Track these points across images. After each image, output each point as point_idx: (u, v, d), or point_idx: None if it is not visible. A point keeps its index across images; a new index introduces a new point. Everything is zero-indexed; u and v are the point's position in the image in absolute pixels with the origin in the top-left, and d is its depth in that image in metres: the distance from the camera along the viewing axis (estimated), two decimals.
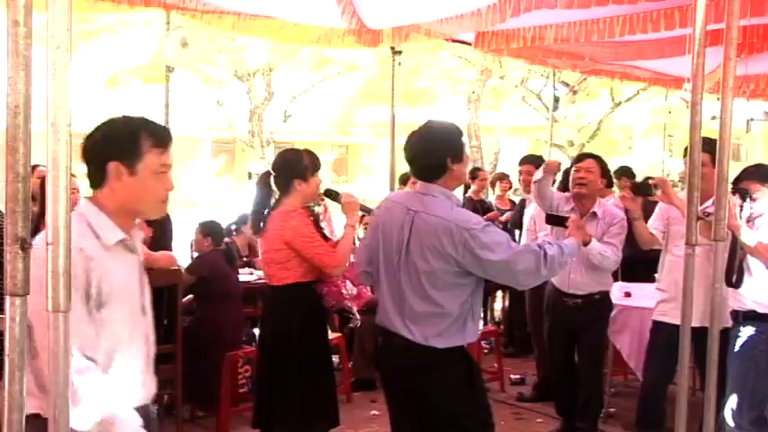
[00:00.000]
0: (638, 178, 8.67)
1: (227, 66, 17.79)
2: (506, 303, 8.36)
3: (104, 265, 2.21)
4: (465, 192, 8.60)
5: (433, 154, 3.25)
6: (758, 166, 4.39)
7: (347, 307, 4.12)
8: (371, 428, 5.47)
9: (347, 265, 4.06)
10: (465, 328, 3.25)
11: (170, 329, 5.06)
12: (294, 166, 3.99)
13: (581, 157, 5.17)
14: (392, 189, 8.32)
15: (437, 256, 3.15)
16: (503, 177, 8.84)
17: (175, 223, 5.83)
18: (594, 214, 4.89)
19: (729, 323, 4.25)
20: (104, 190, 2.29)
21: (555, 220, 4.36)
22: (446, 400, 3.25)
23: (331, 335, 6.44)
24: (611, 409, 5.82)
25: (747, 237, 3.95)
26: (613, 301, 5.64)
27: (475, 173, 8.57)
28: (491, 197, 8.98)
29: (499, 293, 8.71)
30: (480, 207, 8.06)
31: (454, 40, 6.53)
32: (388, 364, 3.43)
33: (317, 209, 4.20)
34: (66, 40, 1.77)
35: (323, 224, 4.12)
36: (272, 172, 4.06)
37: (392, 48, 7.96)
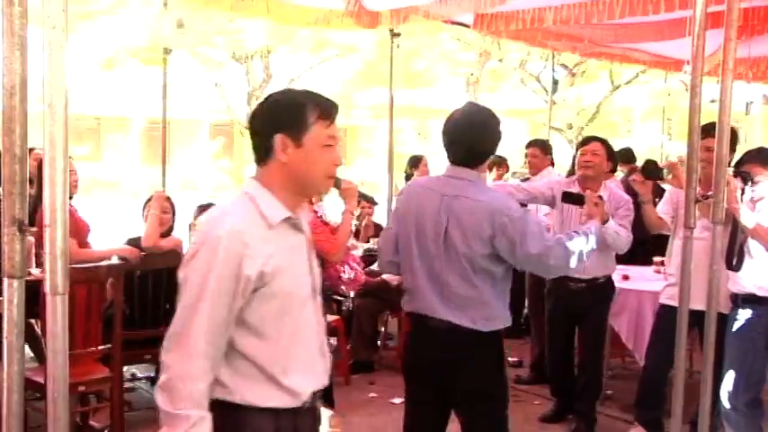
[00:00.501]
0: (638, 162, 8.68)
1: (225, 47, 17.73)
2: None
3: (266, 247, 2.11)
4: None
5: (484, 141, 3.26)
6: (760, 150, 4.38)
7: (342, 290, 4.12)
8: (369, 411, 5.49)
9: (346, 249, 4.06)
10: (505, 312, 3.27)
11: (170, 312, 5.07)
12: None
13: (587, 140, 5.12)
14: (390, 172, 8.32)
15: (477, 240, 3.15)
16: (500, 162, 8.82)
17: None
18: (600, 197, 4.86)
19: (728, 308, 4.27)
20: (270, 165, 2.20)
21: (571, 197, 4.25)
22: (481, 384, 3.24)
23: (330, 317, 6.46)
24: (609, 392, 5.84)
25: (747, 218, 3.95)
26: None
27: None
28: (488, 182, 8.97)
29: None
30: None
31: (453, 22, 6.50)
32: (423, 350, 3.32)
33: None
34: (62, 20, 1.76)
35: (316, 207, 4.09)
36: None
37: (391, 30, 7.92)
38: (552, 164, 7.13)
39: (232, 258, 2.05)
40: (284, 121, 2.18)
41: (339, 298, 6.16)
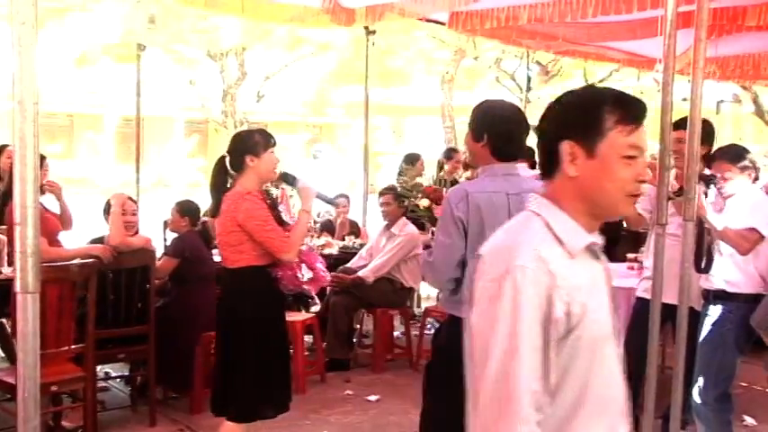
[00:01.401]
0: None
1: (200, 45, 17.62)
2: None
3: (572, 280, 1.69)
4: (439, 171, 8.61)
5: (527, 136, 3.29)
6: (730, 147, 4.43)
7: (306, 291, 4.09)
8: (346, 408, 5.49)
9: (305, 249, 4.03)
10: None
11: (143, 311, 5.04)
12: (245, 143, 3.93)
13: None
14: (366, 170, 8.33)
15: None
16: None
17: (147, 204, 5.79)
18: None
19: (700, 304, 4.32)
20: (557, 179, 1.79)
21: None
22: None
23: (305, 315, 6.45)
24: None
25: (714, 221, 4.01)
26: None
27: (450, 153, 8.63)
28: (462, 178, 9.00)
29: None
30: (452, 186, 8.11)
31: (428, 20, 6.51)
32: None
33: (274, 192, 4.15)
34: (31, 15, 1.74)
35: (281, 207, 4.06)
36: (226, 155, 4.00)
37: (366, 27, 7.93)
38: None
39: (542, 295, 1.64)
40: (574, 124, 1.79)
41: (306, 299, 6.14)
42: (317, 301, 4.32)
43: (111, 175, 22.19)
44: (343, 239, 7.43)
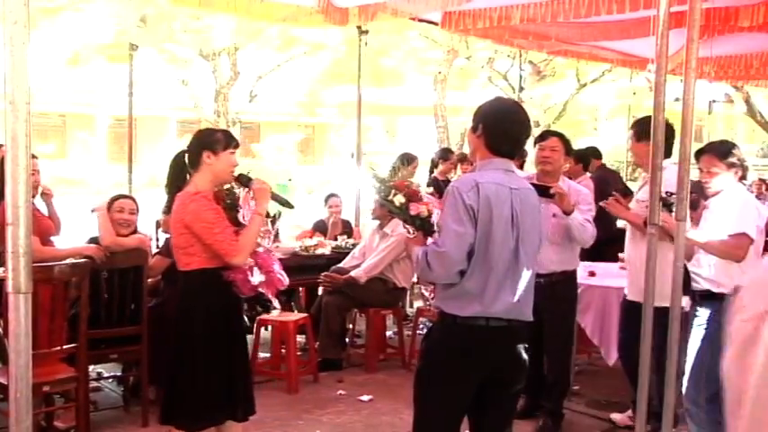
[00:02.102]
0: (604, 159, 8.77)
1: (192, 45, 17.60)
2: None
3: None
4: (431, 171, 8.63)
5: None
6: (721, 143, 4.43)
7: (263, 294, 4.00)
8: (338, 408, 5.48)
9: (262, 251, 3.93)
10: None
11: (136, 311, 5.02)
12: (205, 138, 3.84)
13: (544, 135, 5.14)
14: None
15: (536, 229, 3.25)
16: (465, 158, 8.88)
17: (139, 204, 5.75)
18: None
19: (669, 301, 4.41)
20: None
21: (539, 190, 4.04)
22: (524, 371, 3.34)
23: (298, 315, 6.44)
24: (575, 387, 5.88)
25: (695, 237, 4.00)
26: (578, 280, 5.70)
27: (446, 154, 8.63)
28: (454, 178, 9.02)
29: None
30: (446, 187, 8.12)
31: (421, 20, 6.50)
32: (504, 355, 3.22)
33: (237, 191, 4.04)
34: (23, 14, 1.73)
35: (245, 209, 3.96)
36: (185, 150, 3.93)
37: (359, 27, 7.93)
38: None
39: None
40: None
41: (265, 303, 6.13)
42: (277, 305, 4.24)
43: (103, 176, 22.17)
44: (336, 239, 7.43)
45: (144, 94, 13.74)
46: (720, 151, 4.16)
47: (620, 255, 6.33)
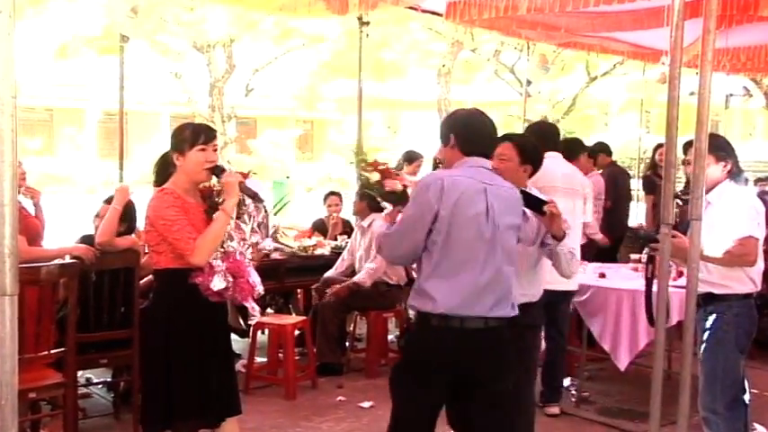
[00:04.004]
0: (615, 156, 8.76)
1: (186, 36, 17.58)
2: None
3: None
4: (434, 169, 8.61)
5: None
6: (711, 135, 4.17)
7: (236, 300, 3.96)
8: (338, 414, 5.48)
9: (238, 256, 3.88)
10: None
11: (127, 313, 5.01)
12: (174, 139, 3.83)
13: (499, 140, 4.21)
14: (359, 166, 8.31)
15: (514, 228, 3.41)
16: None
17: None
18: (523, 213, 4.33)
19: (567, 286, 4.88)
20: None
21: (532, 202, 3.73)
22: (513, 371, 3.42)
23: (296, 319, 6.45)
24: (585, 394, 5.89)
25: (712, 253, 3.92)
26: (587, 282, 5.69)
27: None
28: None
29: None
30: None
31: (424, 10, 6.50)
32: (464, 353, 3.30)
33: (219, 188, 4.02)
34: (8, 4, 1.73)
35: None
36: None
37: (359, 18, 7.92)
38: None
39: None
40: None
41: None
42: (256, 312, 4.20)
43: (93, 173, 22.19)
44: (336, 239, 7.43)
45: (135, 88, 13.76)
46: (711, 144, 3.98)
47: (631, 256, 6.34)
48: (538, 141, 4.72)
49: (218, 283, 3.72)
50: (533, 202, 3.73)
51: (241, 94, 20.86)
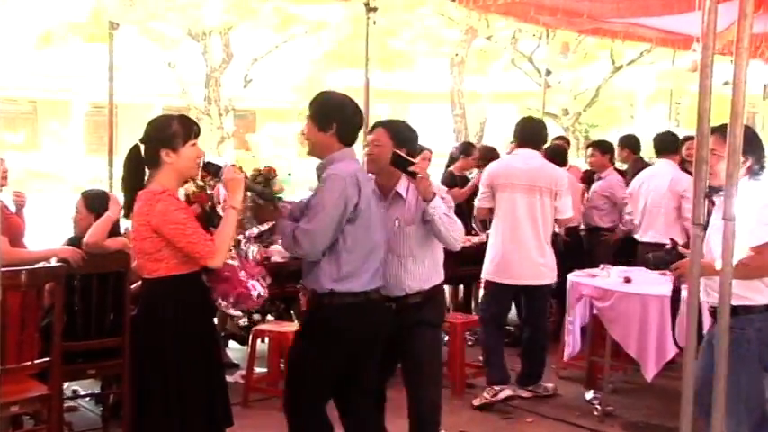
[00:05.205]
0: (643, 152, 8.74)
1: (180, 23, 17.61)
2: None
3: None
4: (448, 165, 8.61)
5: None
6: (723, 126, 4.03)
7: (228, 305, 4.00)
8: (342, 430, 5.47)
9: (250, 260, 3.95)
10: None
11: (117, 321, 5.01)
12: (160, 134, 3.78)
13: (372, 128, 4.63)
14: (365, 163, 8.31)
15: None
16: (490, 154, 8.87)
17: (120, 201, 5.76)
18: (399, 195, 4.43)
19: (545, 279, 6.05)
20: None
21: (401, 164, 4.16)
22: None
23: (298, 325, 6.43)
24: (609, 407, 5.87)
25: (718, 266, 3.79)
26: (611, 287, 5.68)
27: (468, 149, 8.61)
28: (473, 176, 8.96)
29: None
30: (460, 183, 8.28)
31: None
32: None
33: (209, 191, 4.02)
34: None
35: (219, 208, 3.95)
36: (140, 144, 3.85)
37: (366, 4, 7.92)
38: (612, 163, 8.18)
39: None
40: None
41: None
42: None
43: (79, 170, 22.22)
44: None
45: (126, 79, 13.77)
46: (723, 133, 3.67)
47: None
48: (518, 136, 6.38)
49: (260, 289, 3.85)
50: (403, 164, 4.17)
51: (239, 85, 20.90)
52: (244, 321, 6.34)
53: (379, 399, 4.60)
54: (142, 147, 3.83)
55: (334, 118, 3.99)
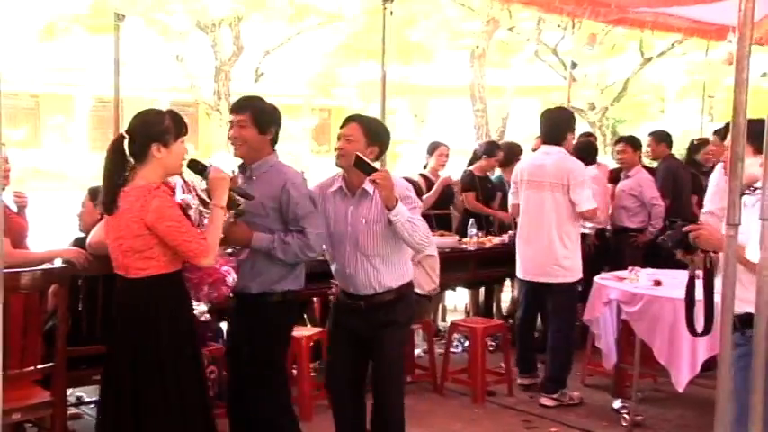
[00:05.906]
0: (674, 148, 8.71)
1: (188, 15, 17.65)
2: (516, 293, 8.36)
3: None
4: (470, 164, 8.59)
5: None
6: (754, 120, 3.59)
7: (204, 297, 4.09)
8: None
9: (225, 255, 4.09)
10: None
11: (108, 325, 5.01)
12: (152, 128, 3.85)
13: (345, 122, 4.70)
14: (383, 159, 8.30)
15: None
16: (515, 153, 8.85)
17: None
18: (366, 192, 4.52)
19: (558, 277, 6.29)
20: None
21: (365, 169, 4.29)
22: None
23: (311, 330, 6.44)
24: (639, 417, 5.85)
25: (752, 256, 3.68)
26: (640, 291, 5.66)
27: (492, 150, 8.60)
28: (495, 177, 8.94)
29: (508, 282, 8.70)
30: (480, 184, 8.43)
31: None
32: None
33: (203, 185, 4.09)
34: None
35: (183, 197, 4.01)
36: (125, 135, 3.91)
37: None
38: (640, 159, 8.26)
39: None
40: None
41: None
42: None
43: (83, 167, 22.31)
44: None
45: (132, 72, 13.78)
46: (750, 133, 3.46)
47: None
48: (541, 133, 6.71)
49: (233, 274, 4.06)
50: (365, 169, 4.29)
51: (250, 79, 20.91)
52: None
53: (359, 396, 4.93)
54: (126, 140, 3.89)
55: (273, 122, 4.55)
